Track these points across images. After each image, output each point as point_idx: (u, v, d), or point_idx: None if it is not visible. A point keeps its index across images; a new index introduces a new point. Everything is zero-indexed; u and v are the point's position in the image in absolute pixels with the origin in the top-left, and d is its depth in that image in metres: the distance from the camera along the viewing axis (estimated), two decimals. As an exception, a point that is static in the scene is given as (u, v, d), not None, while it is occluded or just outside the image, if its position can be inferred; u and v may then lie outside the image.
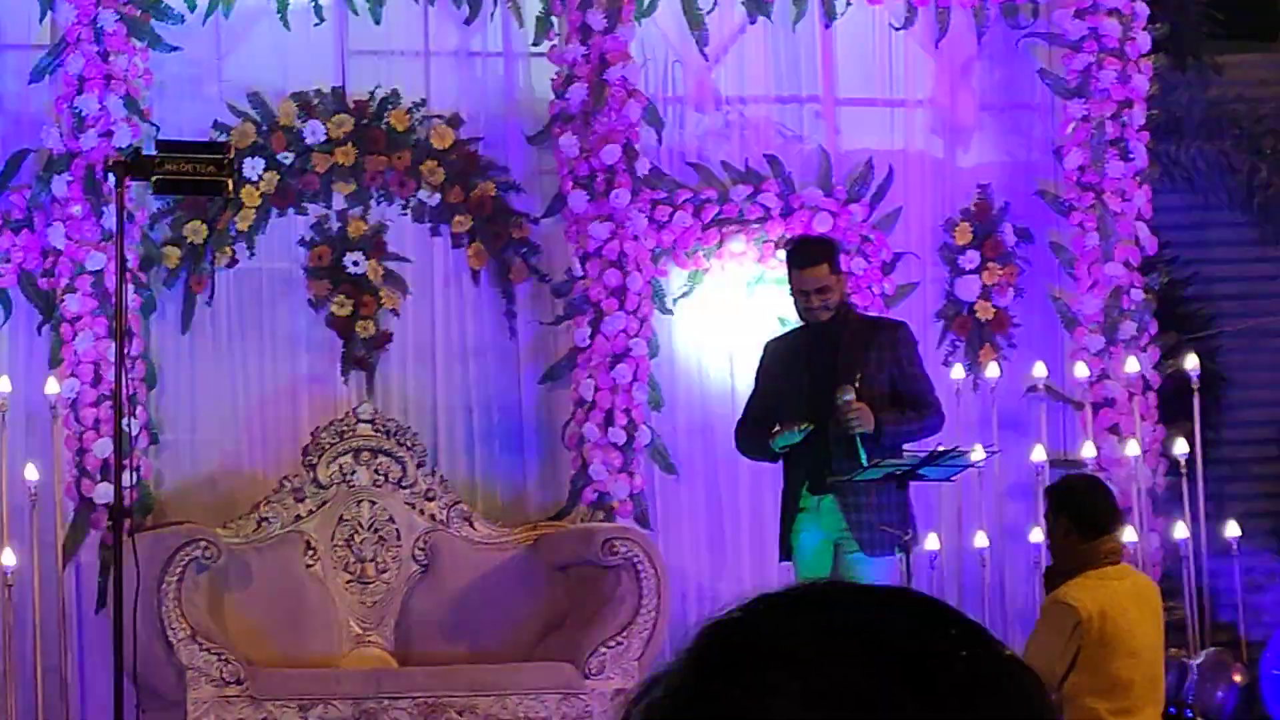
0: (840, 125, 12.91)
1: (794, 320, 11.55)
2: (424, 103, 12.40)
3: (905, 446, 11.12)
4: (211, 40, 12.25)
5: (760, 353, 11.63)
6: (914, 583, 10.89)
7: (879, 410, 10.91)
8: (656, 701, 2.12)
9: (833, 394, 10.86)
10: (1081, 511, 9.30)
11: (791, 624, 2.14)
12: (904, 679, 2.05)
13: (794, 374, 11.17)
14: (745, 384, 11.74)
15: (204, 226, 12.04)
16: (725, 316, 12.63)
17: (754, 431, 11.26)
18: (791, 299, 11.36)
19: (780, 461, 11.19)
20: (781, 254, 11.92)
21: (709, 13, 12.55)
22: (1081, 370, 12.59)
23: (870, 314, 12.02)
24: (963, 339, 12.77)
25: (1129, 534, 10.57)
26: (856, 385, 10.87)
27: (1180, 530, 12.25)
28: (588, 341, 12.19)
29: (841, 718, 2.02)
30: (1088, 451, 12.36)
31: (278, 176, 12.17)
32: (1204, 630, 12.13)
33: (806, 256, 11.34)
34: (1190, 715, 10.78)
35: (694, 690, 2.10)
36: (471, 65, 12.60)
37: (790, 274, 11.33)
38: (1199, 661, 11.66)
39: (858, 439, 10.78)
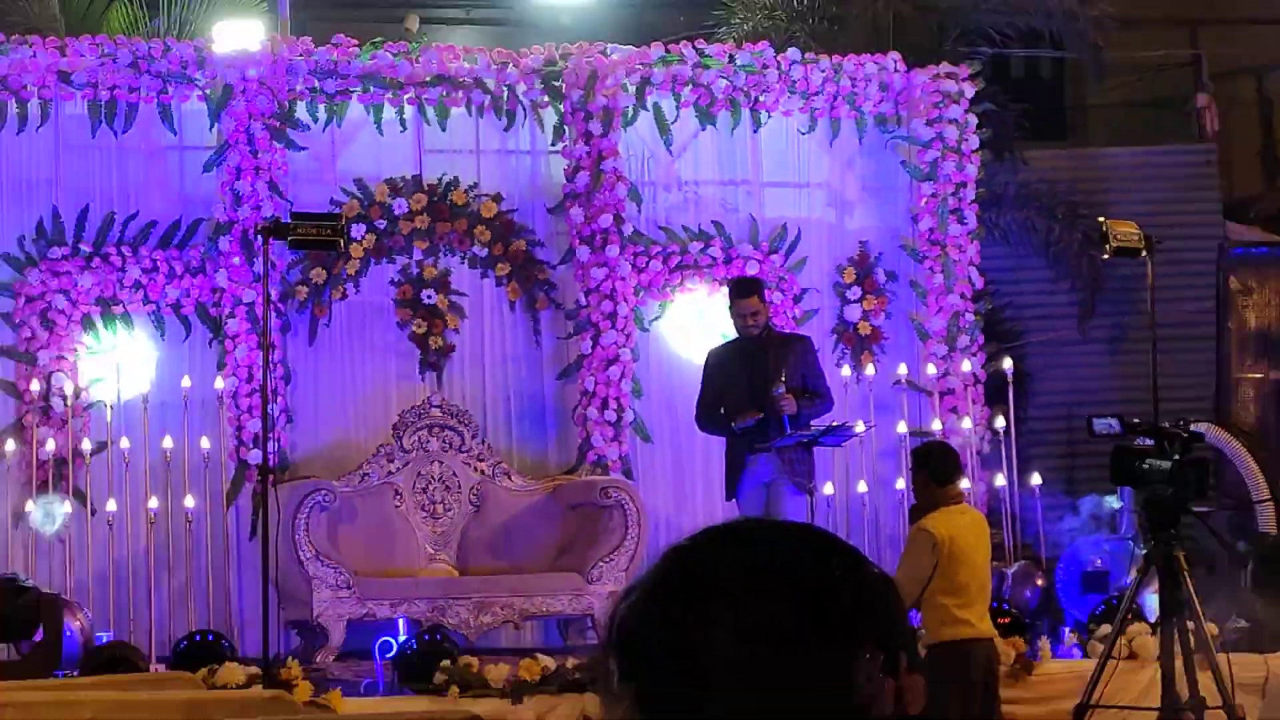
0: (764, 200, 12.96)
1: (732, 334, 11.68)
2: (476, 185, 12.49)
3: (811, 421, 11.29)
4: (328, 143, 12.37)
5: (706, 358, 11.79)
6: (816, 518, 11.01)
7: (797, 398, 11.09)
8: (632, 606, 2.25)
9: (768, 387, 11.06)
10: (935, 466, 9.37)
11: (726, 557, 2.23)
12: (808, 613, 2.15)
13: (736, 373, 11.37)
14: (698, 380, 11.82)
15: (324, 271, 12.14)
16: (685, 333, 12.73)
17: (712, 415, 11.48)
18: (732, 320, 11.53)
19: (727, 433, 11.37)
20: (724, 289, 12.02)
21: (673, 123, 12.66)
22: (931, 369, 12.69)
23: (785, 331, 12.11)
24: (849, 348, 12.84)
25: (966, 482, 10.63)
26: (785, 379, 11.04)
27: (999, 480, 12.37)
28: (590, 350, 12.29)
29: (764, 652, 2.12)
30: (936, 425, 12.50)
31: (374, 237, 12.27)
32: (1016, 549, 12.22)
33: (743, 290, 11.54)
34: (1007, 608, 10.84)
35: (660, 613, 2.20)
36: (509, 159, 12.65)
37: (731, 303, 11.54)
38: (1013, 571, 11.79)
39: (785, 418, 10.98)
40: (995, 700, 9.38)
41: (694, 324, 12.72)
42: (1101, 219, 12.00)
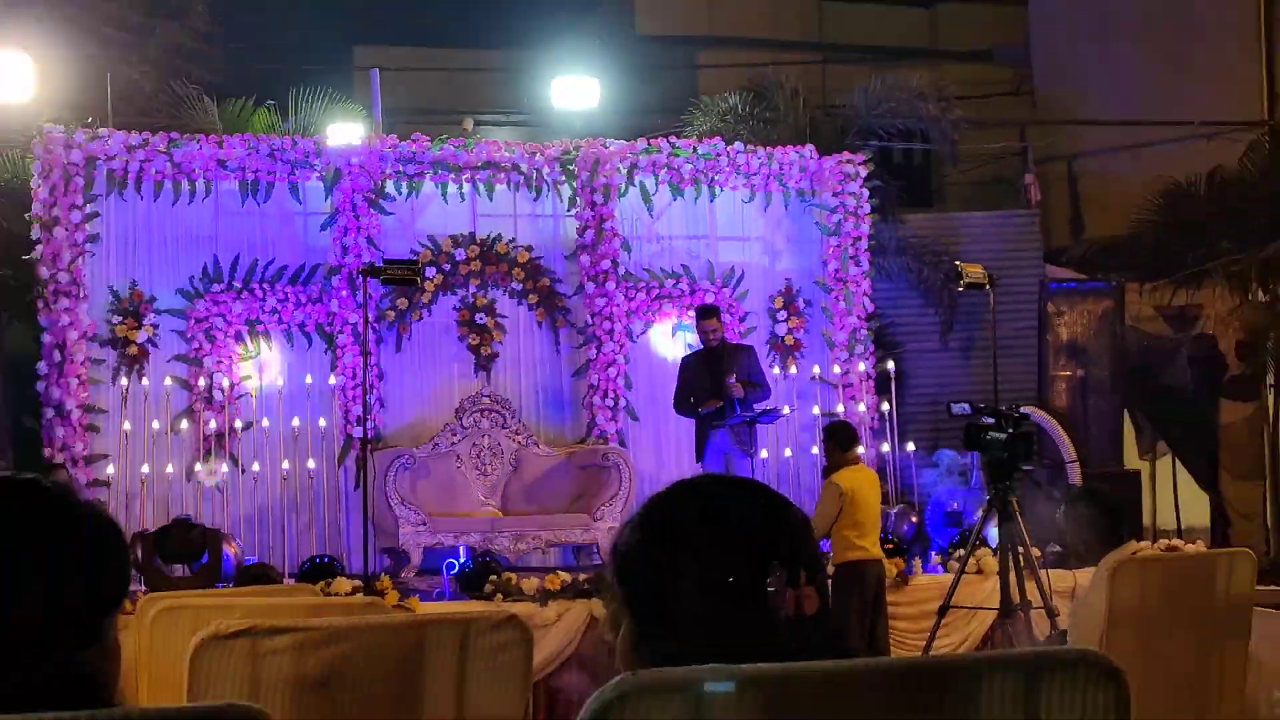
0: (718, 250, 12.93)
1: (697, 345, 11.66)
2: (514, 239, 12.43)
3: (754, 405, 11.27)
4: (409, 209, 12.31)
5: (681, 362, 11.76)
6: (756, 474, 10.98)
7: (745, 388, 11.08)
8: (626, 538, 2.21)
9: (724, 380, 11.02)
10: (840, 438, 9.38)
11: (692, 509, 2.19)
12: (757, 568, 2.11)
13: (702, 372, 11.31)
14: (673, 377, 11.76)
15: (406, 300, 12.12)
16: (662, 344, 12.70)
17: (685, 403, 11.44)
18: (699, 334, 11.52)
19: (695, 415, 11.33)
20: (693, 313, 12.01)
21: (653, 195, 12.66)
22: (837, 369, 12.69)
23: (735, 342, 12.06)
24: (779, 354, 12.82)
25: (861, 449, 10.60)
26: (735, 375, 11.02)
27: (885, 447, 12.37)
28: (595, 356, 12.25)
29: (724, 607, 2.10)
30: (840, 409, 12.49)
31: (441, 276, 12.24)
32: (896, 496, 12.19)
33: (706, 314, 11.52)
34: (891, 538, 10.80)
35: (643, 551, 2.18)
36: (537, 220, 12.57)
37: (698, 322, 11.51)
38: (894, 511, 11.72)
39: (735, 401, 10.96)
40: (883, 603, 9.40)
41: (668, 337, 12.67)
42: (957, 263, 11.97)
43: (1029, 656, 1.93)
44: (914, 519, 11.84)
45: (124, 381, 11.50)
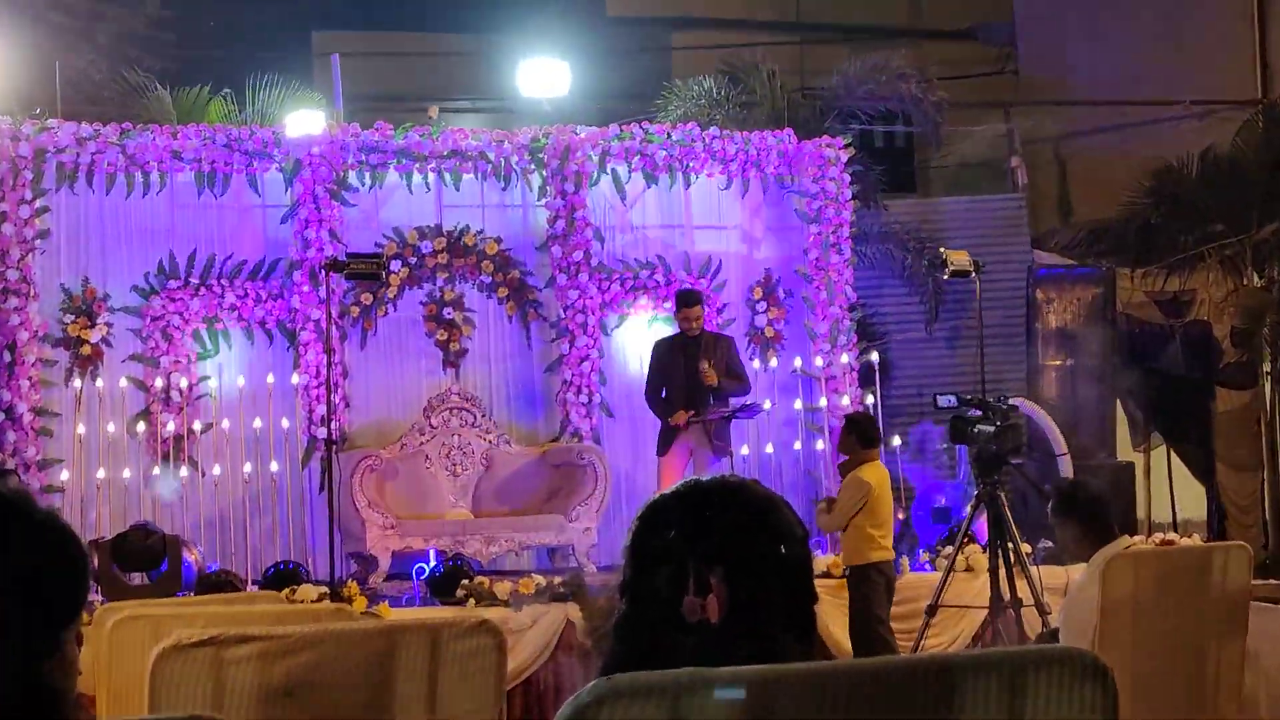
0: (695, 239, 12.90)
1: (667, 333, 11.67)
2: (482, 231, 12.39)
3: (731, 399, 11.30)
4: (373, 201, 12.27)
5: (653, 346, 11.76)
6: (734, 470, 10.97)
7: (720, 376, 11.11)
8: (628, 536, 2.28)
9: (697, 368, 11.05)
10: (862, 431, 9.28)
11: (682, 516, 2.32)
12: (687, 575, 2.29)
13: (677, 358, 11.34)
14: (648, 371, 11.77)
15: (370, 295, 12.08)
16: (637, 336, 12.63)
17: (655, 395, 11.48)
18: (678, 323, 11.56)
19: (663, 408, 11.39)
20: (670, 304, 12.05)
21: (626, 183, 12.65)
22: (819, 361, 12.62)
23: (714, 331, 12.05)
24: (759, 346, 12.80)
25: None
26: (711, 362, 11.04)
27: (870, 442, 12.36)
28: (568, 351, 12.22)
29: (659, 610, 2.30)
30: (823, 403, 12.47)
31: (407, 270, 12.21)
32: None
33: (689, 300, 11.54)
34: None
35: (626, 553, 2.30)
36: (506, 211, 12.54)
37: (679, 309, 11.54)
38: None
39: (709, 390, 11.01)
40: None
41: (644, 330, 12.62)
42: (941, 249, 12.04)
43: (1012, 655, 1.95)
44: (900, 516, 11.84)
45: (77, 383, 11.47)
